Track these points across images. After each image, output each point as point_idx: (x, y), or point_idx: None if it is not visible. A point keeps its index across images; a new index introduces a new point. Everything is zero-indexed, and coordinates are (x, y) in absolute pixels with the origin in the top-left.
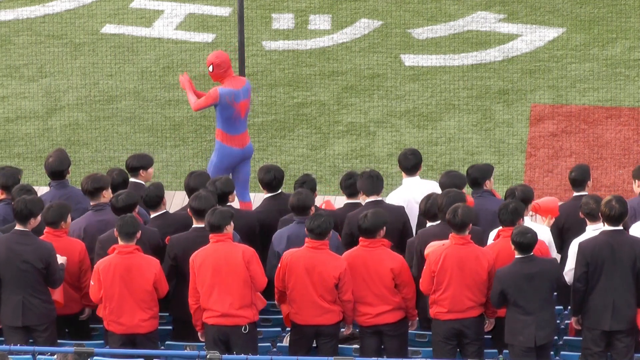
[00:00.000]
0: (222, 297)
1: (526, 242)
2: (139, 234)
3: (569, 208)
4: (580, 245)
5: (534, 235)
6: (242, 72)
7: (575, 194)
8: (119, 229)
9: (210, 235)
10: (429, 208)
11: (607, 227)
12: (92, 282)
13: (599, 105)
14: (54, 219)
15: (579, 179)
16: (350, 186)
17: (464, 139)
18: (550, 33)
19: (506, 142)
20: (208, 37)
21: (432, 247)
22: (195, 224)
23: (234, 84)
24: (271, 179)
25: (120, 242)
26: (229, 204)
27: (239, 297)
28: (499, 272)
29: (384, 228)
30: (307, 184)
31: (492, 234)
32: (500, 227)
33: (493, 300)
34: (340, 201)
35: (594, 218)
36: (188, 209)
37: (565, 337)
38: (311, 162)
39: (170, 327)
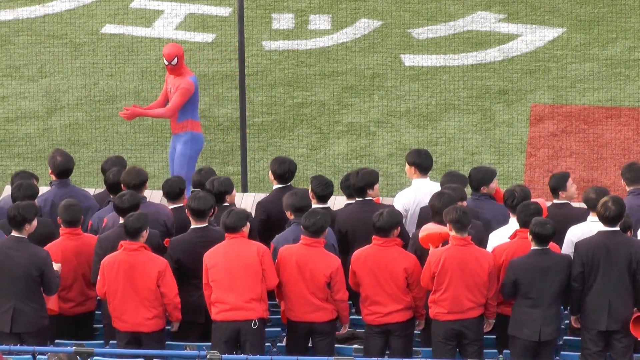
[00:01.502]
0: (234, 289)
1: (545, 233)
2: (144, 233)
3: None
4: (577, 245)
5: (552, 226)
6: (242, 72)
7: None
8: (125, 227)
9: (226, 235)
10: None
11: (603, 228)
12: (99, 277)
13: (599, 105)
14: (74, 218)
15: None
16: (349, 187)
17: (464, 139)
18: (550, 33)
19: (506, 142)
20: (208, 37)
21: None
22: (193, 225)
23: (189, 71)
24: (285, 171)
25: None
26: (225, 204)
27: (250, 289)
28: (513, 261)
29: (399, 228)
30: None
31: (493, 236)
32: (518, 227)
33: (504, 290)
34: (340, 201)
35: (592, 209)
36: (186, 210)
37: (565, 337)
38: (311, 162)
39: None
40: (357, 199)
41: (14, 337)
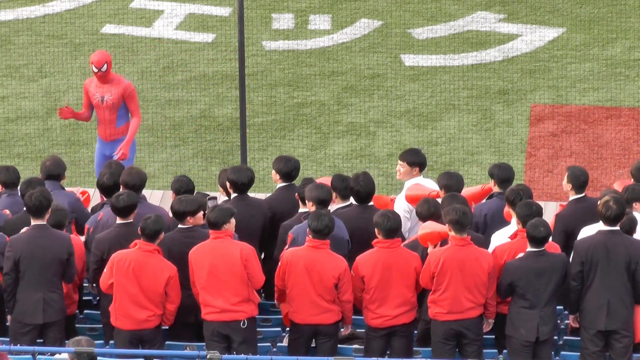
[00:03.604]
0: (220, 294)
1: (539, 235)
2: (161, 236)
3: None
4: (576, 244)
5: (547, 229)
6: (242, 72)
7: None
8: (143, 230)
9: (210, 232)
10: (434, 212)
11: (605, 227)
12: (105, 270)
13: (599, 105)
14: (60, 221)
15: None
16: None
17: (464, 139)
18: (550, 33)
19: (506, 142)
20: (208, 37)
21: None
22: (180, 225)
23: (120, 75)
24: (292, 169)
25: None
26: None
27: (236, 294)
28: (509, 265)
29: None
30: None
31: (496, 236)
32: (519, 227)
33: (500, 291)
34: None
35: None
36: (169, 211)
37: (565, 337)
38: (311, 162)
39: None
40: (356, 203)
41: (40, 328)
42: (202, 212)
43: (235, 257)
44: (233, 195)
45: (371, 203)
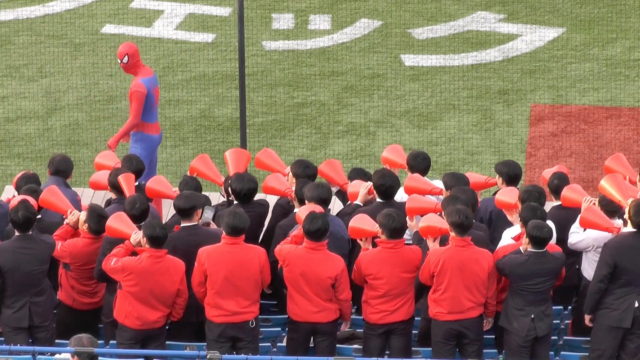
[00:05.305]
0: (233, 298)
1: (542, 236)
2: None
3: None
4: (606, 245)
5: (550, 230)
6: (242, 72)
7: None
8: (152, 239)
9: (225, 237)
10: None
11: (633, 229)
12: (112, 263)
13: (599, 105)
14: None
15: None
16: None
17: (464, 139)
18: (550, 33)
19: (506, 142)
20: (208, 37)
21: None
22: (183, 223)
23: (147, 72)
24: (310, 175)
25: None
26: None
27: (248, 297)
28: (512, 261)
29: None
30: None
31: (506, 234)
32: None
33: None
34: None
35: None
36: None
37: (565, 337)
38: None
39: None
40: (378, 200)
41: (27, 331)
42: (200, 209)
43: (254, 264)
44: (235, 202)
45: (394, 198)
